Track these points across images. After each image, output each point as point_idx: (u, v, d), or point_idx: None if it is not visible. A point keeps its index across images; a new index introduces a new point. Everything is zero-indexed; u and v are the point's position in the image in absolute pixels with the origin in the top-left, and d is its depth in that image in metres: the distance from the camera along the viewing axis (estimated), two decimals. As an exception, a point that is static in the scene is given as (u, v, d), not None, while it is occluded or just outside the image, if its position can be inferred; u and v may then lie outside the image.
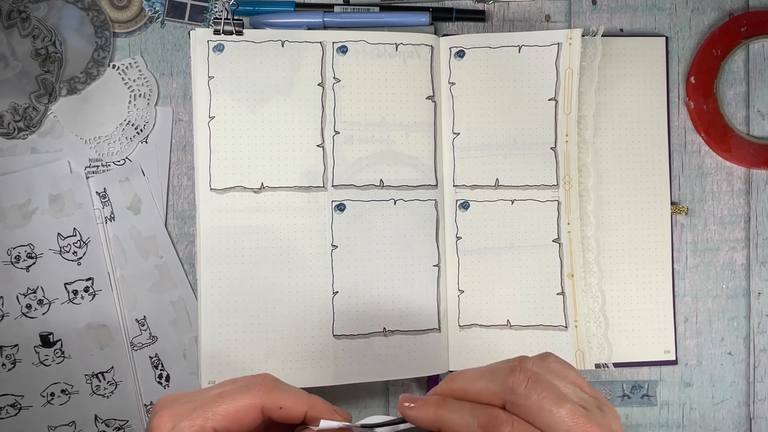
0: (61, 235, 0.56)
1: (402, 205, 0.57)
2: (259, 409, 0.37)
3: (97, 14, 0.57)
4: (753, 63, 0.60)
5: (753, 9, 0.60)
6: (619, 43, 0.59)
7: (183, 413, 0.36)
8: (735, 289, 0.60)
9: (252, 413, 0.37)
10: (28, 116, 0.56)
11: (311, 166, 0.57)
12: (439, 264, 0.57)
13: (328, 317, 0.56)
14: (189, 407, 0.37)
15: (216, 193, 0.56)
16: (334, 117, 0.57)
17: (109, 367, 0.57)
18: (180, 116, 0.58)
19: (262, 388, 0.38)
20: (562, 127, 0.58)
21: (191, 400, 0.38)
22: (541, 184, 0.58)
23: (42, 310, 0.56)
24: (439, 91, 0.58)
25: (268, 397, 0.38)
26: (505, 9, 0.60)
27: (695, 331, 0.60)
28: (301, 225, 0.56)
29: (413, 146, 0.57)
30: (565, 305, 0.58)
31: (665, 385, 0.60)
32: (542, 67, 0.58)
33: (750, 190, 0.60)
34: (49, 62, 0.56)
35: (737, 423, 0.60)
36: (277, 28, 0.57)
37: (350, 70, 0.57)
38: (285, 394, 0.38)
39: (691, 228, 0.60)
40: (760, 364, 0.60)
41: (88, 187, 0.57)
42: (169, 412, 0.37)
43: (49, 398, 0.56)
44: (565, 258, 0.58)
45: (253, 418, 0.37)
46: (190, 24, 0.58)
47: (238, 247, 0.55)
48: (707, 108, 0.60)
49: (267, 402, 0.37)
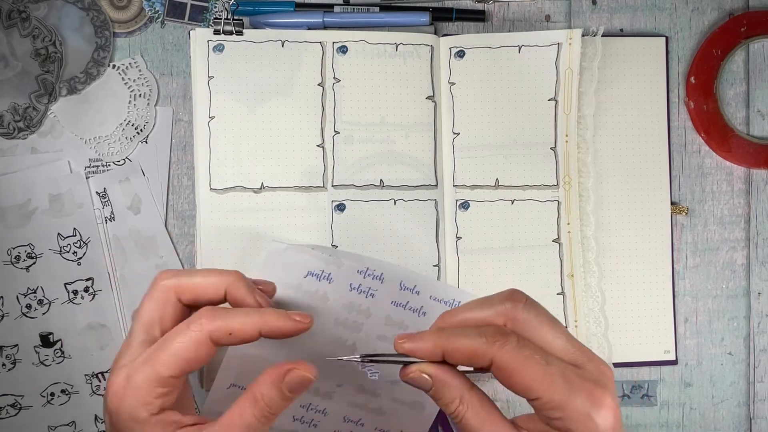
0: (61, 235, 0.56)
1: (402, 205, 0.57)
2: (208, 341, 0.36)
3: (97, 14, 0.57)
4: (753, 63, 0.60)
5: (753, 9, 0.60)
6: (619, 43, 0.59)
7: (133, 371, 0.36)
8: (735, 289, 0.60)
9: (201, 347, 0.36)
10: (28, 116, 0.56)
11: (311, 166, 0.57)
12: (439, 264, 0.57)
13: (328, 317, 0.56)
14: (137, 364, 0.36)
15: (216, 193, 0.56)
16: (334, 117, 0.57)
17: (109, 367, 0.57)
18: (180, 116, 0.58)
19: (204, 319, 0.37)
20: (562, 127, 0.58)
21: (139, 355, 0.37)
22: (541, 184, 0.58)
23: (42, 310, 0.56)
24: (439, 91, 0.58)
25: (213, 327, 0.36)
26: (505, 9, 0.60)
27: (695, 331, 0.60)
28: (301, 225, 0.56)
29: (413, 146, 0.57)
30: (565, 305, 0.58)
31: (665, 385, 0.60)
32: (542, 67, 0.58)
33: (750, 190, 0.60)
34: (49, 62, 0.56)
35: (737, 423, 0.60)
36: (277, 28, 0.57)
37: (350, 70, 0.57)
38: (231, 317, 0.37)
39: (691, 228, 0.60)
40: (760, 364, 0.60)
41: (88, 187, 0.57)
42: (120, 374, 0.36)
43: (49, 398, 0.56)
44: (565, 258, 0.58)
45: (205, 351, 0.36)
46: (190, 24, 0.58)
47: (238, 247, 0.55)
48: (707, 108, 0.60)
49: (213, 332, 0.36)
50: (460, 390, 0.35)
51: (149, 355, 0.36)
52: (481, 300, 0.37)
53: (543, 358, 0.34)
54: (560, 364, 0.34)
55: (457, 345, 0.35)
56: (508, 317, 0.36)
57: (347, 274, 0.43)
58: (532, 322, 0.35)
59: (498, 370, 0.34)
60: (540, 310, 0.36)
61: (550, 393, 0.33)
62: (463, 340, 0.35)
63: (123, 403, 0.36)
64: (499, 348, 0.34)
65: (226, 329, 0.36)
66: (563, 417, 0.33)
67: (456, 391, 0.35)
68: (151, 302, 0.39)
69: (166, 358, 0.36)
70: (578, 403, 0.33)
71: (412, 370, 0.36)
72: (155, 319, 0.39)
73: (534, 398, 0.34)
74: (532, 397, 0.34)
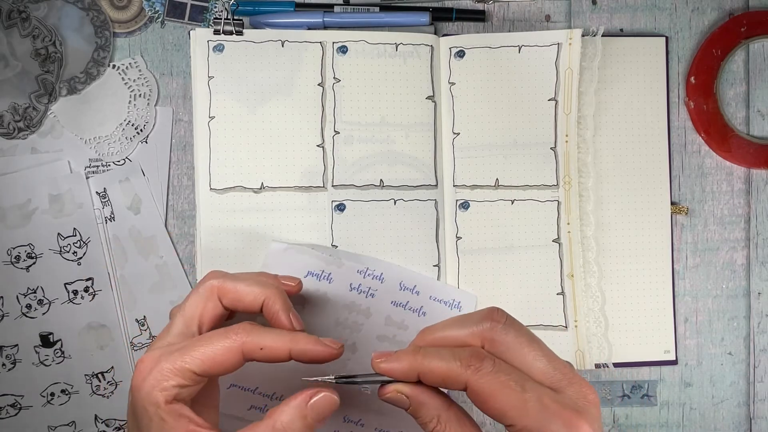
0: (61, 235, 0.56)
1: (402, 205, 0.57)
2: (239, 352, 0.38)
3: (97, 14, 0.57)
4: (753, 63, 0.60)
5: (753, 9, 0.60)
6: (619, 43, 0.59)
7: (164, 355, 0.37)
8: (735, 289, 0.60)
9: (232, 356, 0.37)
10: (28, 116, 0.56)
11: (311, 166, 0.57)
12: (439, 264, 0.57)
13: (328, 317, 0.56)
14: (170, 350, 0.38)
15: (216, 193, 0.56)
16: (334, 117, 0.57)
17: (109, 367, 0.57)
18: (180, 116, 0.58)
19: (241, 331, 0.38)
20: (562, 127, 0.58)
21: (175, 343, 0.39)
22: (541, 184, 0.58)
23: (42, 310, 0.56)
24: (439, 91, 0.58)
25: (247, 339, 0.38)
26: (505, 9, 0.60)
27: (695, 331, 0.60)
28: (301, 225, 0.56)
29: (413, 146, 0.57)
30: (565, 305, 0.58)
31: (665, 385, 0.60)
32: (542, 67, 0.58)
33: (750, 190, 0.60)
34: (49, 62, 0.56)
35: (737, 423, 0.60)
36: (277, 28, 0.57)
37: (350, 70, 0.57)
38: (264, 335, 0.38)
39: (691, 228, 0.60)
40: (760, 364, 0.60)
41: (88, 187, 0.57)
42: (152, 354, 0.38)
43: (49, 398, 0.56)
44: (564, 258, 0.58)
45: (234, 360, 0.38)
46: (190, 24, 0.58)
47: (238, 248, 0.56)
48: (707, 108, 0.60)
49: (246, 344, 0.38)
50: (438, 410, 0.36)
51: (183, 346, 0.38)
52: (460, 318, 0.37)
53: (518, 384, 0.33)
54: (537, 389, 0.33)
55: (431, 367, 0.35)
56: (486, 338, 0.35)
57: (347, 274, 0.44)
58: (511, 343, 0.35)
59: (472, 394, 0.34)
60: (520, 330, 0.36)
61: (524, 420, 0.33)
62: (437, 362, 0.35)
63: (145, 382, 0.37)
64: (473, 372, 0.34)
65: (258, 344, 0.38)
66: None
67: (433, 411, 0.36)
68: (196, 297, 0.41)
69: (196, 354, 0.37)
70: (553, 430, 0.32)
71: (389, 390, 0.36)
72: (196, 313, 0.41)
73: (508, 425, 0.33)
74: (507, 423, 0.33)
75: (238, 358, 0.38)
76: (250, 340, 0.38)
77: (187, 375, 0.37)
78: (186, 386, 0.37)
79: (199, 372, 0.37)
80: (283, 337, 0.38)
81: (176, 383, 0.37)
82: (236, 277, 0.43)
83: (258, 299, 0.41)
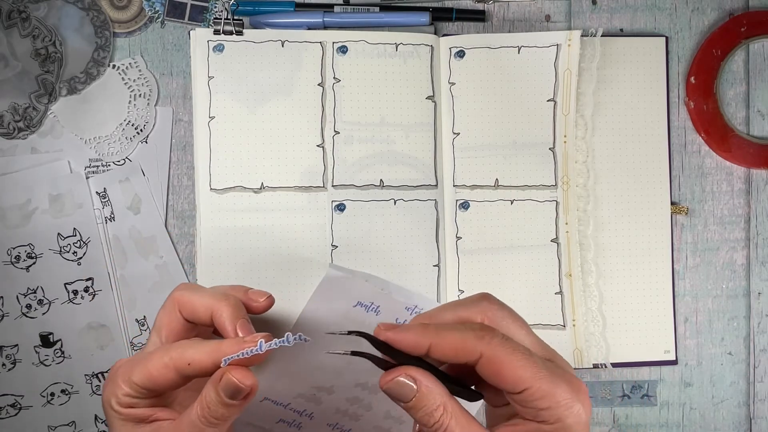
0: (61, 235, 0.56)
1: (402, 205, 0.57)
2: (174, 368, 0.36)
3: (97, 14, 0.57)
4: (753, 63, 0.60)
5: (753, 9, 0.60)
6: (619, 44, 0.59)
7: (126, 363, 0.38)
8: (735, 289, 0.60)
9: (167, 372, 0.36)
10: (28, 116, 0.56)
11: (311, 166, 0.57)
12: (439, 264, 0.57)
13: (327, 317, 0.56)
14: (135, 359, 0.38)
15: (216, 193, 0.56)
16: (334, 117, 0.57)
17: (109, 367, 0.57)
18: (180, 116, 0.58)
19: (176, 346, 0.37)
20: (561, 127, 0.58)
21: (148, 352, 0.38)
22: (540, 184, 0.58)
23: (42, 310, 0.56)
24: (439, 91, 0.58)
25: (174, 355, 0.36)
26: (505, 9, 0.60)
27: (695, 331, 0.60)
28: (301, 225, 0.56)
29: (413, 146, 0.57)
30: (563, 304, 0.58)
31: (665, 385, 0.60)
32: (541, 68, 0.58)
33: (750, 190, 0.60)
34: (49, 62, 0.56)
35: (737, 423, 0.60)
36: (277, 28, 0.57)
37: (350, 70, 0.57)
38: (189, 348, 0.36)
39: (691, 228, 0.60)
40: (760, 364, 0.60)
41: (88, 187, 0.57)
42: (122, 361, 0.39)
43: (49, 398, 0.57)
44: (563, 258, 0.58)
45: (170, 377, 0.36)
46: (190, 24, 0.58)
47: (238, 247, 0.56)
48: (707, 108, 0.60)
49: (174, 360, 0.36)
50: (443, 396, 0.34)
51: (138, 358, 0.38)
52: (455, 302, 0.37)
53: (527, 350, 0.34)
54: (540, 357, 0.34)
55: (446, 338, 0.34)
56: (486, 315, 0.36)
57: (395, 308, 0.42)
58: (505, 319, 0.36)
59: (488, 363, 0.33)
60: (509, 310, 0.37)
61: (538, 382, 0.33)
62: (453, 333, 0.34)
63: (105, 389, 0.38)
64: (487, 342, 0.33)
65: (184, 359, 0.36)
66: (551, 406, 0.33)
67: (440, 398, 0.34)
68: (162, 310, 0.41)
69: (141, 367, 0.37)
70: (563, 390, 0.33)
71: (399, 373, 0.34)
72: (162, 325, 0.41)
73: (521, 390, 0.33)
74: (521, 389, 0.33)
75: (173, 375, 0.36)
76: (177, 356, 0.36)
77: (134, 387, 0.37)
78: (135, 396, 0.37)
79: (141, 385, 0.37)
80: (207, 347, 0.36)
81: (125, 392, 0.37)
82: (198, 290, 0.41)
83: (208, 311, 0.39)
